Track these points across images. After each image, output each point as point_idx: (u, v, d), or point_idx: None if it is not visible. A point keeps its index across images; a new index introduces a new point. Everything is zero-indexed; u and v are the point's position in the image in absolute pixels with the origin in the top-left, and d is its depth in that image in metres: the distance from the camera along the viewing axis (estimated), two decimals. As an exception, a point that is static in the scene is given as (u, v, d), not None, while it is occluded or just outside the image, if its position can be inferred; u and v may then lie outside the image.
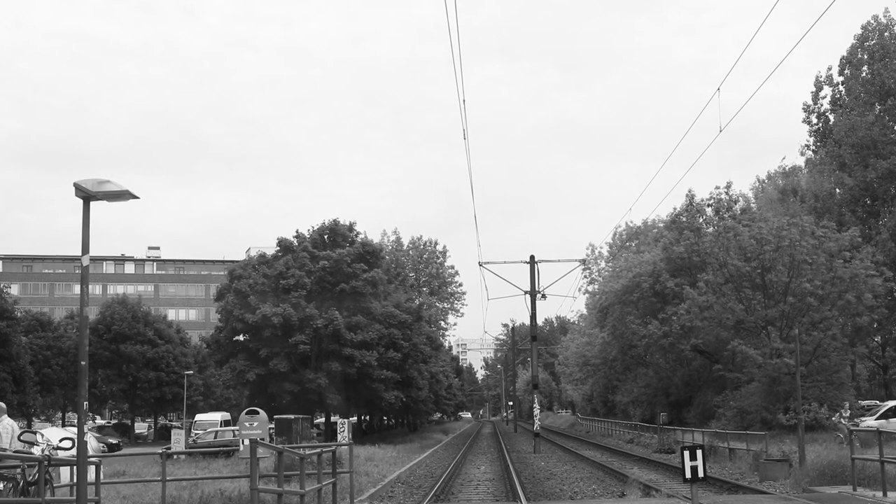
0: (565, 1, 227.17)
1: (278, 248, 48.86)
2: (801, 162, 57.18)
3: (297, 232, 49.60)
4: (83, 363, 10.13)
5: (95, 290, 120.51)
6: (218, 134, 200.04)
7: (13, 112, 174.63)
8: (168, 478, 16.31)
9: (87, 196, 10.24)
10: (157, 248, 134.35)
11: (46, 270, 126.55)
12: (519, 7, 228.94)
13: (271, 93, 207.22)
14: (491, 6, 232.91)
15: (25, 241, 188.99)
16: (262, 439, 17.47)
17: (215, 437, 43.60)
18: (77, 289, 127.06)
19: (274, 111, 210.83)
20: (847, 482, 17.08)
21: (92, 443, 25.87)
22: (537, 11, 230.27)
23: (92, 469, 12.83)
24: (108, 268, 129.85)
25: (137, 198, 10.45)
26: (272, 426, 35.84)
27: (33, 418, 66.14)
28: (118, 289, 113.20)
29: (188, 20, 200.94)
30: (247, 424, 16.55)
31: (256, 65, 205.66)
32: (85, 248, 10.29)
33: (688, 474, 12.27)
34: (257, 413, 17.11)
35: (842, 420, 29.45)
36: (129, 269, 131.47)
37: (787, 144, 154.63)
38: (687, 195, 52.24)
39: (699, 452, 12.11)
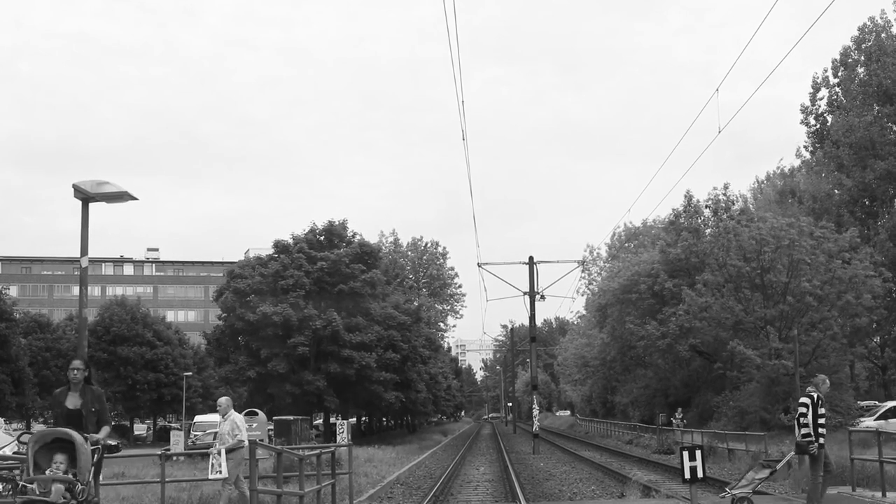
0: (565, 1, 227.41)
1: (275, 250, 48.84)
2: (798, 164, 57.27)
3: (292, 234, 49.60)
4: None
5: (94, 291, 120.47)
6: (218, 134, 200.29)
7: (13, 113, 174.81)
8: (167, 479, 16.29)
9: (85, 197, 10.25)
10: (156, 250, 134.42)
11: (45, 272, 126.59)
12: (519, 7, 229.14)
13: (271, 93, 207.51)
14: (491, 6, 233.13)
15: (25, 242, 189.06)
16: (262, 440, 17.47)
17: (214, 439, 43.55)
18: (76, 290, 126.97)
19: (274, 111, 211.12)
20: (846, 483, 17.08)
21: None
22: (537, 12, 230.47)
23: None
24: (107, 269, 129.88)
25: (136, 199, 10.46)
26: (271, 427, 35.82)
27: (32, 420, 66.11)
28: (117, 290, 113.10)
29: (188, 20, 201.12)
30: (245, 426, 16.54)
31: (256, 65, 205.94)
32: (84, 249, 10.30)
33: (687, 475, 12.27)
34: (256, 414, 17.12)
35: (673, 420, 37.53)
36: (128, 270, 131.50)
37: (786, 146, 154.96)
38: (685, 196, 52.27)
39: (698, 453, 12.11)
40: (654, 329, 43.87)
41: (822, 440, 13.07)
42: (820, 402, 13.16)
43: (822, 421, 13.05)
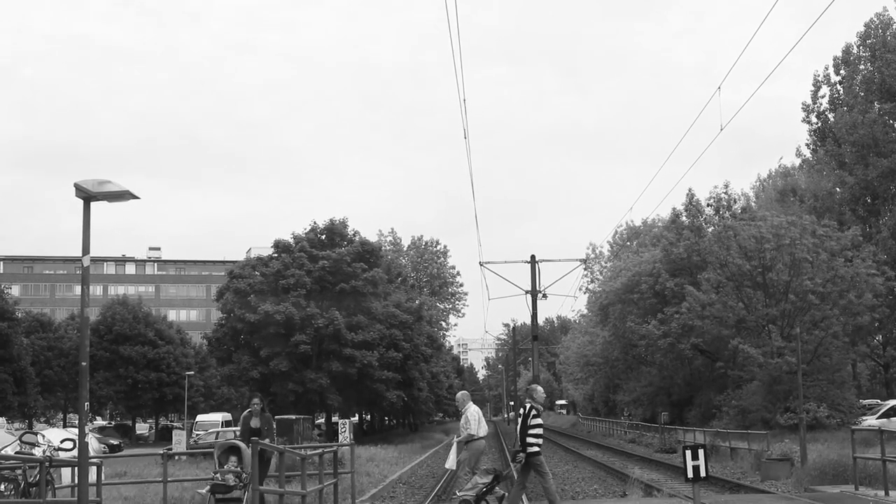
0: (566, 5, 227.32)
1: (274, 250, 48.70)
2: (798, 162, 57.18)
3: (293, 233, 49.46)
4: (84, 364, 10.10)
5: (96, 290, 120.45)
6: (219, 136, 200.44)
7: (16, 115, 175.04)
8: (169, 479, 16.29)
9: (87, 196, 10.21)
10: (158, 249, 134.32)
11: (47, 271, 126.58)
12: (520, 10, 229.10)
13: (273, 96, 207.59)
14: (492, 9, 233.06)
15: (28, 243, 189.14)
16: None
17: (216, 438, 43.56)
18: (78, 289, 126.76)
19: (275, 113, 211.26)
20: (849, 481, 17.03)
21: (93, 444, 25.88)
22: (539, 15, 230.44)
23: (93, 470, 12.80)
24: (109, 269, 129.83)
25: (138, 198, 10.42)
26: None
27: (34, 420, 66.10)
28: (119, 290, 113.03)
29: (190, 24, 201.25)
30: (248, 425, 16.56)
31: (258, 68, 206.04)
32: (85, 248, 10.26)
33: (689, 474, 12.22)
34: (259, 414, 17.20)
35: (623, 416, 38.00)
36: (130, 269, 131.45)
37: (788, 144, 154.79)
38: (687, 194, 52.16)
39: (701, 452, 12.07)
40: (654, 328, 43.82)
41: (533, 449, 13.01)
42: (533, 413, 13.10)
43: (534, 431, 12.99)
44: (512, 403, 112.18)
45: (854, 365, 46.80)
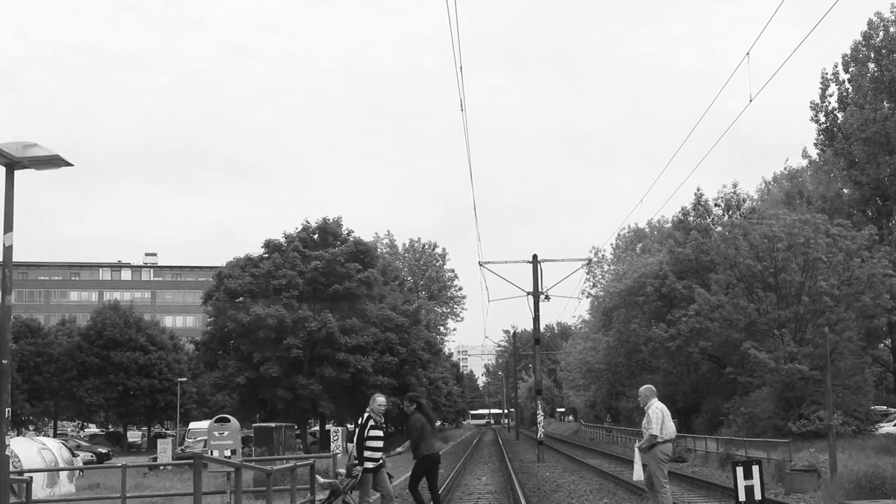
0: (567, 11, 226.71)
1: (265, 250, 46.93)
2: (805, 164, 55.74)
3: (284, 233, 47.69)
4: (4, 362, 8.56)
5: (92, 296, 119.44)
6: (221, 142, 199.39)
7: (16, 120, 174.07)
8: (146, 492, 14.69)
9: (10, 163, 8.70)
10: (154, 255, 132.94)
11: (42, 277, 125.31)
12: (521, 16, 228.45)
13: (275, 101, 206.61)
14: (493, 15, 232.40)
15: (28, 249, 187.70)
16: (234, 451, 15.78)
17: (205, 447, 41.84)
18: (73, 295, 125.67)
19: (277, 119, 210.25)
20: (889, 495, 15.37)
21: (62, 453, 24.20)
22: (540, 20, 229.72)
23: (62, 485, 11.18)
24: (105, 274, 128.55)
25: (71, 164, 8.93)
26: (251, 432, 33.83)
27: (25, 428, 64.51)
28: (114, 295, 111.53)
29: (192, 29, 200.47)
30: (216, 434, 14.90)
31: (259, 73, 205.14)
32: (8, 224, 8.73)
33: (742, 496, 9.93)
34: (228, 421, 15.44)
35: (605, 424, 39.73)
36: (126, 275, 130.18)
37: (789, 150, 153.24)
38: (695, 194, 50.64)
39: (755, 469, 10.06)
40: (662, 331, 42.31)
41: (371, 464, 11.47)
42: (370, 424, 11.54)
43: (371, 444, 11.45)
44: (512, 410, 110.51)
45: (862, 370, 45.35)
